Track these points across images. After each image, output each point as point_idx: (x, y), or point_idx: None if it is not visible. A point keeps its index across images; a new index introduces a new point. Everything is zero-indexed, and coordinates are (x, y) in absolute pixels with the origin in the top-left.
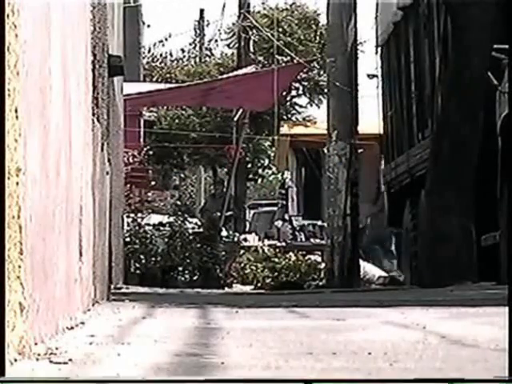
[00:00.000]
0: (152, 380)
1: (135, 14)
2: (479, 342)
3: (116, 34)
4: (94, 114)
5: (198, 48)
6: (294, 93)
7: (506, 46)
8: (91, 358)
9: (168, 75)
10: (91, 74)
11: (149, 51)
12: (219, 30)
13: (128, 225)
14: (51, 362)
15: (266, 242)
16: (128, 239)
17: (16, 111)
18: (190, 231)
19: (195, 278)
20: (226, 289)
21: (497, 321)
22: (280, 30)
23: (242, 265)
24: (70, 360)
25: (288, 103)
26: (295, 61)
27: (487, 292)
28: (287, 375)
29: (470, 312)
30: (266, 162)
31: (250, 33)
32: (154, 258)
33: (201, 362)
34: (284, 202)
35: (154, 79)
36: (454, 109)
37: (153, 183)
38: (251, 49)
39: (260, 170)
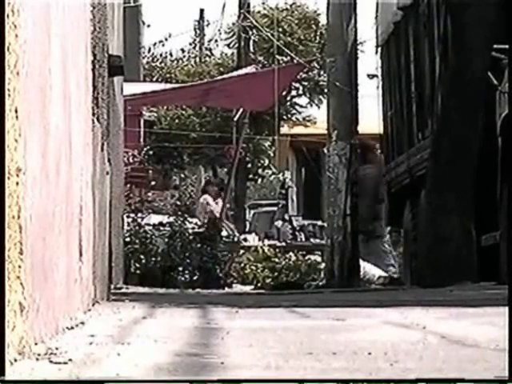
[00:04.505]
0: (152, 380)
1: (135, 13)
2: (479, 341)
3: (116, 34)
4: (94, 114)
5: (197, 48)
6: (294, 93)
7: (506, 46)
8: (91, 357)
9: (168, 75)
10: (91, 74)
11: (149, 51)
12: (219, 30)
13: (128, 225)
14: (51, 362)
15: (266, 241)
16: (128, 239)
17: (16, 111)
18: (190, 231)
19: (195, 277)
20: (226, 289)
21: (497, 321)
22: (280, 29)
23: (242, 265)
24: (70, 360)
25: (288, 103)
26: (295, 61)
27: (487, 292)
28: (287, 375)
29: (469, 312)
30: (266, 162)
31: (250, 33)
32: (154, 258)
33: (201, 362)
34: (284, 202)
35: (154, 79)
36: (453, 109)
37: (153, 183)
38: (251, 49)
39: (260, 170)
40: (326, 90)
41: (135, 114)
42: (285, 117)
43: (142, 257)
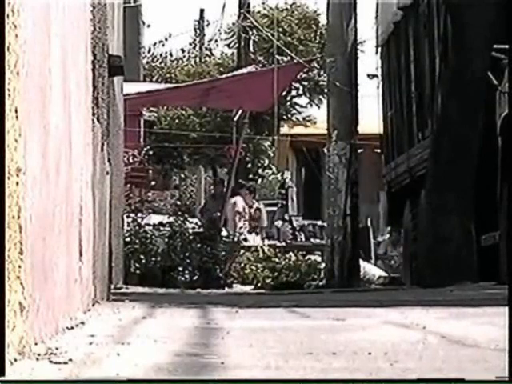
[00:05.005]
0: (152, 380)
1: (135, 14)
2: (479, 342)
3: (116, 34)
4: (93, 114)
5: (198, 48)
6: (294, 93)
7: (506, 46)
8: (91, 357)
9: (168, 75)
10: (91, 74)
11: (149, 51)
12: (219, 30)
13: (128, 225)
14: (51, 362)
15: (266, 241)
16: (128, 239)
17: (16, 111)
18: (190, 231)
19: (195, 278)
20: (226, 289)
21: (497, 321)
22: (280, 29)
23: (242, 265)
24: (70, 360)
25: (288, 103)
26: (295, 61)
27: (487, 292)
28: (287, 375)
29: (469, 312)
30: (266, 162)
31: (250, 33)
32: (154, 258)
33: (201, 362)
34: (284, 202)
35: (154, 79)
36: (454, 109)
37: (153, 183)
38: (251, 49)
39: (260, 170)
40: (326, 90)
41: (135, 114)
42: (285, 117)
43: (142, 257)
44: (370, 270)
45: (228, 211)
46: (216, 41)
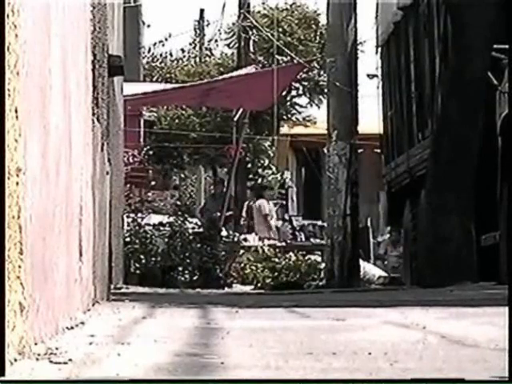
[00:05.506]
0: (152, 380)
1: (135, 14)
2: (479, 341)
3: (116, 34)
4: (94, 114)
5: (198, 48)
6: (294, 93)
7: (506, 46)
8: (91, 357)
9: (168, 75)
10: (91, 74)
11: (149, 51)
12: (219, 30)
13: (128, 225)
14: (51, 362)
15: (266, 241)
16: (128, 239)
17: (16, 111)
18: (190, 231)
19: (195, 278)
20: (226, 289)
21: (497, 321)
22: (280, 30)
23: (242, 265)
24: (70, 360)
25: (288, 103)
26: (295, 61)
27: (487, 292)
28: (287, 375)
29: (469, 312)
30: (266, 162)
31: (250, 33)
32: (154, 258)
33: (201, 362)
34: (284, 202)
35: (154, 79)
36: (454, 109)
37: (153, 183)
38: (251, 49)
39: (260, 170)
40: (326, 90)
41: (135, 114)
42: (285, 117)
43: (141, 257)
44: (370, 270)
45: (255, 215)
46: (216, 41)
